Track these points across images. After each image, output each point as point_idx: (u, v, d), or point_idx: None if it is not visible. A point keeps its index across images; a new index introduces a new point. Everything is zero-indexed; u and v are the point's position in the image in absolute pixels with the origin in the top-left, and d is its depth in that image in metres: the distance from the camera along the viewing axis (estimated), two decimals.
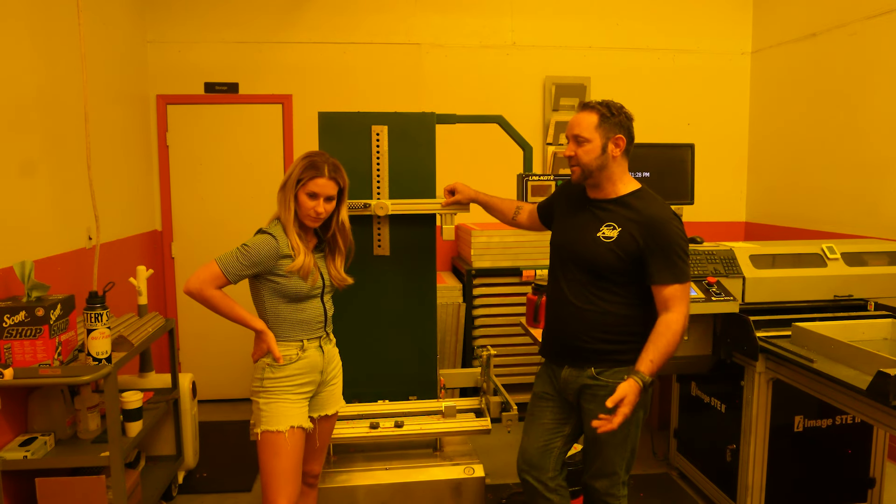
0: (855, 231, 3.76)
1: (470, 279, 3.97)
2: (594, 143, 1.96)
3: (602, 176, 2.00)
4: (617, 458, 2.06)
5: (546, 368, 2.23)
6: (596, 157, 1.96)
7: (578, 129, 1.97)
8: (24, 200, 2.62)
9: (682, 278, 1.93)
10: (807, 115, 4.18)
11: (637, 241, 1.93)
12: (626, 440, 2.05)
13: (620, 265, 1.95)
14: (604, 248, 1.96)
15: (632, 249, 1.93)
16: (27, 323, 2.25)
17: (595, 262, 1.97)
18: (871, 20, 3.65)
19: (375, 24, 4.42)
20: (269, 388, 2.07)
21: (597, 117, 1.96)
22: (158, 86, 4.28)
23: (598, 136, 1.95)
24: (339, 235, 2.18)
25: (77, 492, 2.40)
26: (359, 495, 2.60)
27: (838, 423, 2.80)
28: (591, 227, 2.00)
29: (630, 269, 1.96)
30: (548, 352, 2.20)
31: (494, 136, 3.18)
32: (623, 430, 1.97)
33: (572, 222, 2.09)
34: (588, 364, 2.04)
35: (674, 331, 1.91)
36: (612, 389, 1.93)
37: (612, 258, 1.94)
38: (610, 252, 1.95)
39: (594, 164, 1.97)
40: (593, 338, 2.02)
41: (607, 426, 1.85)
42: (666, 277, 1.92)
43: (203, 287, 1.98)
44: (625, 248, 1.94)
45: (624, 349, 2.01)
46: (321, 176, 2.06)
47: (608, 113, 1.96)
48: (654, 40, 4.66)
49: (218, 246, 3.84)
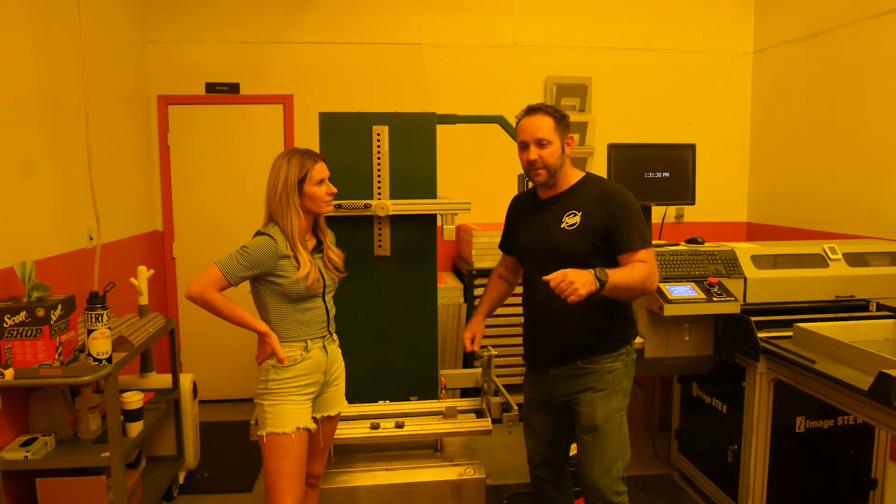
0: (857, 231, 3.75)
1: (471, 279, 3.96)
2: (555, 144, 2.06)
3: (560, 174, 2.10)
4: (612, 448, 2.08)
5: (531, 373, 2.30)
6: (558, 157, 2.07)
7: (542, 133, 2.05)
8: (24, 200, 2.62)
9: (646, 243, 2.02)
10: (808, 115, 4.17)
11: (600, 217, 2.01)
12: (620, 427, 2.10)
13: (591, 247, 2.02)
14: (571, 235, 2.03)
15: (597, 228, 2.01)
16: (28, 323, 2.25)
17: (567, 251, 2.03)
18: (872, 20, 3.64)
19: (376, 24, 4.42)
20: (274, 390, 2.07)
21: (552, 120, 2.06)
22: (159, 86, 4.28)
23: (557, 138, 2.06)
24: (320, 218, 2.21)
25: (77, 492, 2.40)
26: (360, 496, 2.60)
27: (840, 424, 2.79)
28: (553, 222, 2.08)
29: (602, 250, 2.02)
30: (532, 357, 2.27)
31: (495, 137, 3.18)
32: (615, 418, 2.07)
33: (533, 225, 2.17)
34: (574, 358, 2.10)
35: (641, 268, 1.96)
36: (600, 373, 2.06)
37: (582, 242, 2.02)
38: (578, 237, 2.02)
39: (557, 164, 2.07)
40: (578, 331, 2.08)
41: (567, 288, 1.79)
42: (633, 243, 1.99)
43: (205, 291, 1.98)
44: (591, 229, 2.01)
45: (605, 338, 2.10)
46: (317, 161, 2.11)
47: (559, 115, 2.07)
48: (656, 40, 4.66)
49: (219, 246, 3.84)
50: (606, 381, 2.08)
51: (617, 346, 2.10)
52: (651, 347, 2.84)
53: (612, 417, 2.07)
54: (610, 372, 2.09)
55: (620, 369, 2.11)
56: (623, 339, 2.13)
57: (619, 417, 2.10)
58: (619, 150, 3.16)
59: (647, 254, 2.01)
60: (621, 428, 2.10)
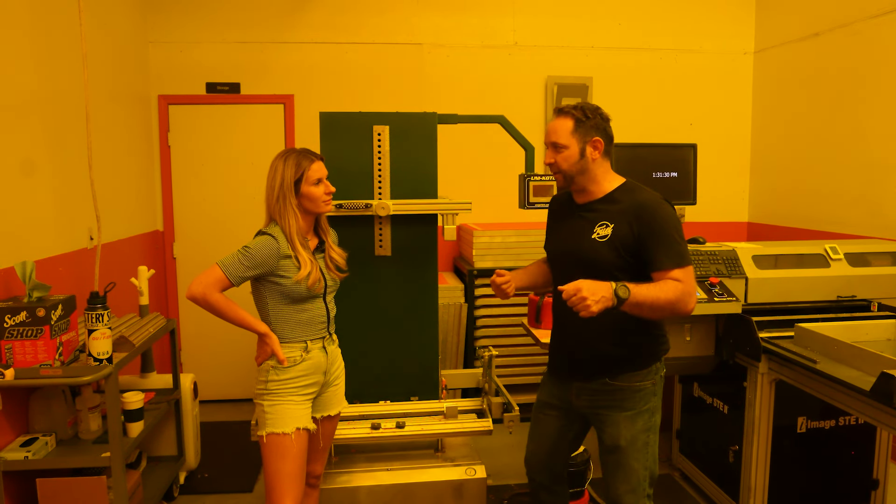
0: (858, 231, 3.75)
1: (472, 279, 3.96)
2: (571, 148, 1.95)
3: (585, 179, 1.98)
4: (638, 467, 1.99)
5: (552, 378, 2.19)
6: (575, 162, 1.96)
7: (555, 137, 1.97)
8: (25, 200, 2.62)
9: (682, 262, 1.85)
10: (810, 115, 4.17)
11: (632, 231, 1.88)
12: (647, 447, 2.00)
13: (621, 261, 1.90)
14: (601, 247, 1.92)
15: (628, 241, 1.89)
16: (28, 323, 2.25)
17: (596, 262, 1.92)
18: (873, 20, 3.63)
19: (377, 24, 4.41)
20: (274, 391, 2.07)
21: (572, 122, 1.95)
22: (160, 86, 4.28)
23: (574, 142, 1.94)
24: (321, 217, 2.20)
25: (78, 492, 2.40)
26: (360, 496, 2.60)
27: (841, 424, 2.79)
28: (585, 231, 1.97)
29: (632, 264, 1.91)
30: (556, 367, 2.17)
31: (496, 137, 3.17)
32: (641, 439, 1.97)
33: (565, 231, 2.08)
34: (601, 375, 1.99)
35: (673, 288, 1.80)
36: (627, 391, 1.95)
37: (612, 255, 1.91)
38: (608, 249, 1.91)
39: (574, 170, 1.97)
40: (605, 343, 1.98)
41: (578, 303, 1.70)
42: (665, 262, 1.84)
43: (206, 291, 1.97)
44: (622, 242, 1.90)
45: (634, 354, 1.99)
46: (314, 160, 2.10)
47: (583, 117, 1.94)
48: (657, 40, 4.65)
49: (219, 246, 3.84)
50: (633, 400, 1.97)
51: (646, 362, 1.98)
52: None
53: (637, 438, 1.96)
54: (638, 391, 1.97)
55: (649, 388, 1.99)
56: (654, 356, 2.01)
57: (646, 437, 1.98)
58: (620, 149, 3.15)
59: (684, 273, 1.84)
60: (647, 447, 1.99)
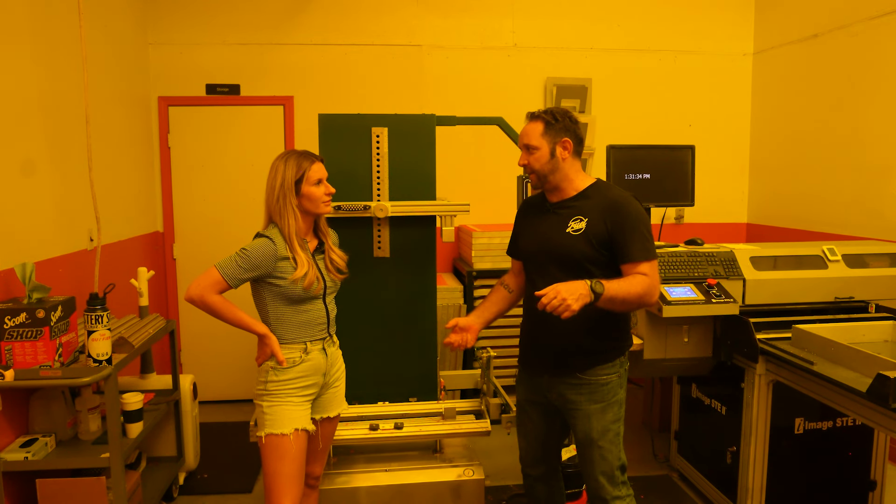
0: (856, 233, 3.75)
1: (471, 280, 3.97)
2: (542, 149, 2.08)
3: (557, 178, 2.10)
4: (611, 457, 2.08)
5: (524, 374, 2.29)
6: (546, 161, 2.08)
7: (527, 139, 2.10)
8: (25, 202, 2.63)
9: (649, 256, 2.01)
10: (809, 116, 4.17)
11: (605, 225, 2.01)
12: (617, 437, 2.10)
13: (595, 253, 2.02)
14: (576, 240, 2.04)
15: (602, 235, 2.01)
16: (28, 324, 2.26)
17: (571, 255, 2.03)
18: (872, 21, 3.64)
19: (377, 25, 4.42)
20: (273, 391, 2.08)
21: (542, 125, 2.08)
22: (160, 87, 4.29)
23: (545, 143, 2.08)
24: (321, 219, 2.21)
25: (78, 493, 2.41)
26: (359, 497, 2.60)
27: (839, 425, 2.79)
28: (560, 226, 2.08)
29: (606, 257, 2.03)
30: (527, 360, 2.26)
31: (495, 138, 3.18)
32: (612, 429, 2.08)
33: (539, 228, 2.17)
34: (572, 370, 2.09)
35: (640, 282, 1.95)
36: (595, 385, 2.06)
37: (586, 247, 2.02)
38: (583, 242, 2.03)
39: (546, 169, 2.09)
40: (575, 338, 2.07)
41: (559, 305, 1.79)
42: (636, 255, 1.99)
43: (204, 293, 1.98)
44: (596, 235, 2.01)
45: (604, 349, 2.09)
46: (315, 161, 2.12)
47: (552, 119, 2.08)
48: (656, 41, 4.66)
49: (219, 247, 3.85)
50: (602, 393, 2.08)
51: (613, 356, 2.10)
52: (650, 349, 2.85)
53: (608, 430, 2.08)
54: (605, 384, 2.08)
55: (615, 381, 2.10)
56: (619, 350, 2.13)
57: (616, 427, 2.10)
58: (619, 151, 3.16)
59: (650, 267, 1.99)
60: (618, 437, 2.11)
